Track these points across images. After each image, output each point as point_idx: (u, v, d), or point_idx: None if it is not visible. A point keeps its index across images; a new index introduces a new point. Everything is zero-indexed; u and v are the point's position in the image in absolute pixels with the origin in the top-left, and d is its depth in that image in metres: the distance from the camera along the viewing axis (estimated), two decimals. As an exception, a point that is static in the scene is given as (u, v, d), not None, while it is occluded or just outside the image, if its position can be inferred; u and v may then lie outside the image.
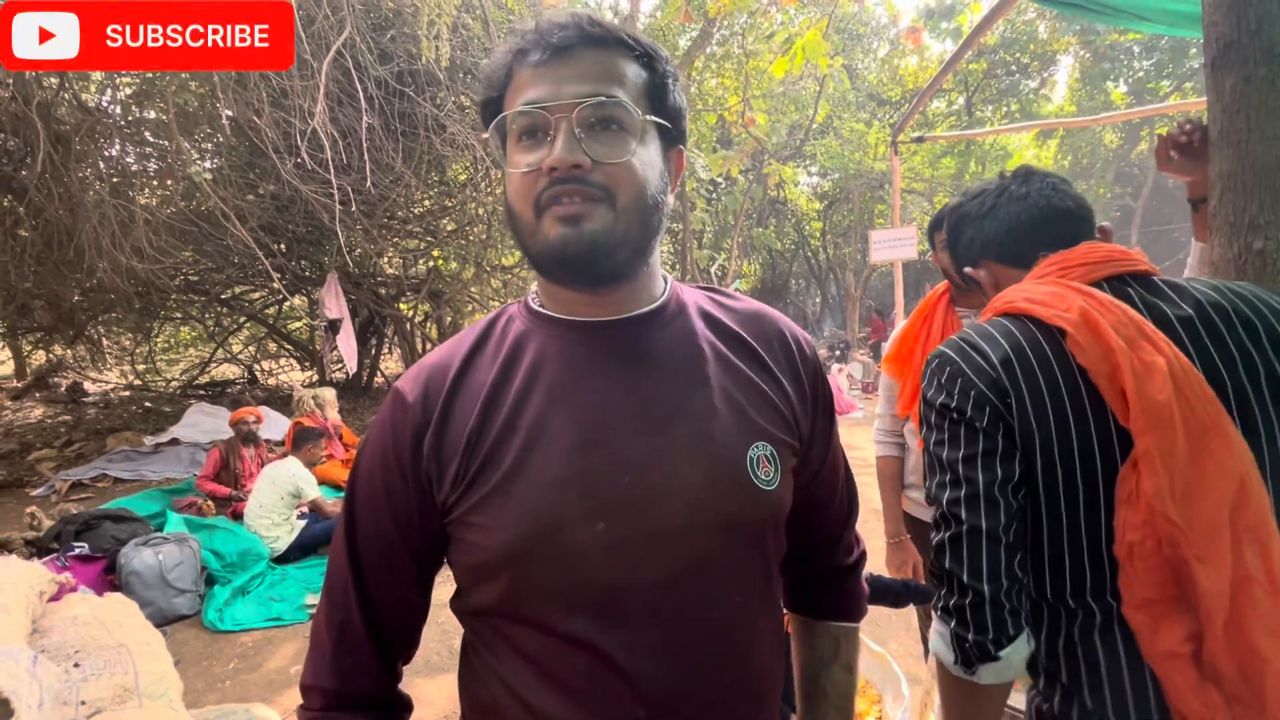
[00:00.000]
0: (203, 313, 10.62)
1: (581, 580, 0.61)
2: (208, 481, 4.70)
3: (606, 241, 0.61)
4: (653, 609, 0.62)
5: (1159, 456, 0.71)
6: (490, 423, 0.64)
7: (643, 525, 0.62)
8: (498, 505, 0.62)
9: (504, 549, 0.61)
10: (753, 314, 0.75)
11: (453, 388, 0.66)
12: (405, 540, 0.66)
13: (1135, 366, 0.73)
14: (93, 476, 5.88)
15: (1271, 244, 1.21)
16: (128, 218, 5.20)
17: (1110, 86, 13.58)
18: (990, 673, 0.76)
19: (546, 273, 0.65)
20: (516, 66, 0.64)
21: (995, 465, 0.78)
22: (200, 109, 5.75)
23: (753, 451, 0.66)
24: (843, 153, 13.01)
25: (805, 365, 0.74)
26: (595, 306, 0.68)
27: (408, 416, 0.65)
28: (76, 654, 1.72)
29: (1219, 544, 0.69)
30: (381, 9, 5.14)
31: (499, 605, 0.64)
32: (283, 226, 7.02)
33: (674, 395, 0.66)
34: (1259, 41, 1.22)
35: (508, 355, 0.67)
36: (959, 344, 0.85)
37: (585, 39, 0.62)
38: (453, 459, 0.63)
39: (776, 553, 0.71)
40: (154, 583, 3.30)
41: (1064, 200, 0.92)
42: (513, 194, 0.63)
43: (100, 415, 8.86)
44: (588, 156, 0.60)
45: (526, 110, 0.62)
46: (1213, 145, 1.29)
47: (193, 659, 2.98)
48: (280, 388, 11.38)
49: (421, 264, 10.25)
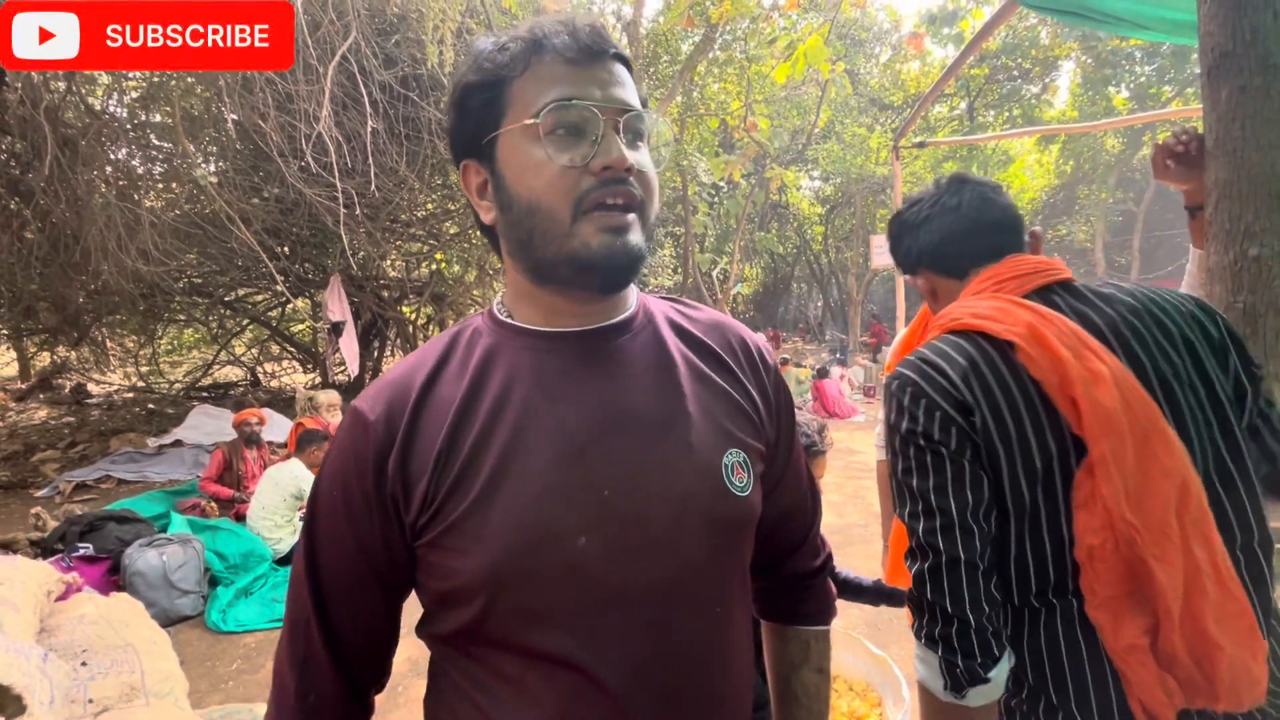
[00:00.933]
0: (206, 315, 10.67)
1: (562, 598, 0.59)
2: (211, 483, 4.72)
3: (639, 255, 0.62)
4: (636, 623, 0.61)
5: (1112, 462, 0.73)
6: (460, 441, 0.61)
7: (624, 538, 0.60)
8: (474, 526, 0.59)
9: (482, 571, 0.59)
10: (715, 323, 0.76)
11: (417, 405, 0.62)
12: (371, 567, 0.63)
13: (1084, 375, 0.75)
14: (96, 478, 5.91)
15: (1267, 251, 1.23)
16: (133, 220, 5.23)
17: (1112, 92, 13.60)
18: (979, 695, 0.77)
19: (563, 276, 0.62)
20: (537, 57, 0.61)
21: (966, 491, 0.78)
22: (206, 112, 5.79)
23: (727, 459, 0.66)
24: (844, 157, 13.04)
25: (767, 372, 0.75)
26: (575, 316, 0.66)
27: (369, 437, 0.61)
28: (84, 653, 1.74)
29: (1170, 541, 0.72)
30: (386, 14, 5.18)
31: (475, 629, 0.61)
32: (287, 229, 7.07)
33: (649, 405, 0.65)
34: (1254, 52, 1.24)
35: (477, 370, 0.64)
36: (917, 364, 0.85)
37: (612, 50, 0.62)
38: (420, 479, 0.60)
39: (747, 560, 0.72)
40: (158, 583, 3.31)
41: (993, 211, 0.94)
42: (543, 187, 0.60)
43: (104, 417, 8.90)
44: (635, 163, 0.60)
45: (577, 104, 0.59)
46: (1208, 153, 1.31)
47: (196, 659, 3.00)
48: (283, 390, 11.41)
49: (424, 267, 10.29)
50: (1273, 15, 1.23)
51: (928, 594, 0.79)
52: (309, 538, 0.65)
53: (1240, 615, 0.72)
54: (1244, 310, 1.25)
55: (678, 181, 12.50)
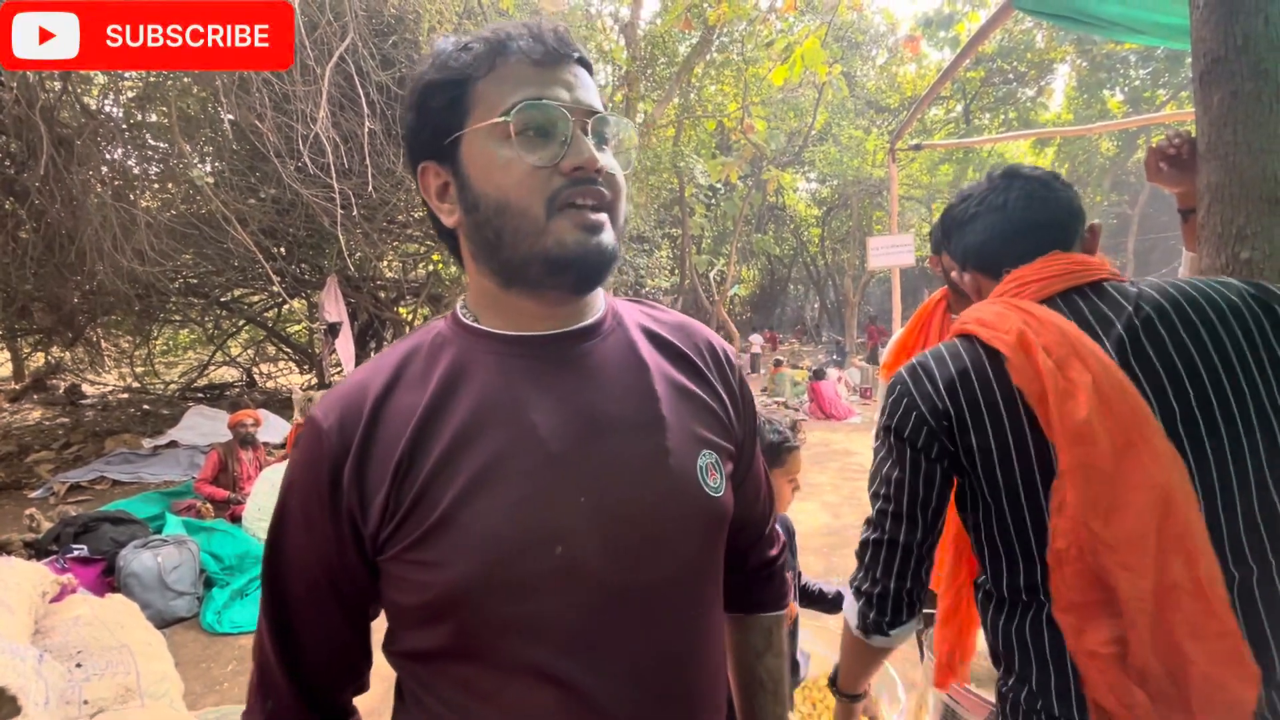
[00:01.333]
0: (202, 315, 10.65)
1: (540, 609, 0.58)
2: (206, 484, 4.70)
3: (612, 255, 0.62)
4: (617, 629, 0.60)
5: (1080, 470, 0.75)
6: (426, 450, 0.59)
7: (602, 544, 0.59)
8: (445, 538, 0.57)
9: (457, 584, 0.57)
10: (681, 325, 0.76)
11: (374, 413, 0.60)
12: (330, 580, 0.62)
13: (1060, 386, 0.76)
14: (91, 479, 5.88)
15: (1258, 254, 1.24)
16: (129, 220, 5.22)
17: (1107, 95, 13.67)
18: (879, 640, 0.93)
19: (533, 277, 0.62)
20: (502, 58, 0.61)
21: (919, 487, 0.87)
22: (202, 113, 5.78)
23: (701, 460, 0.66)
24: (841, 159, 13.08)
25: (732, 372, 0.76)
26: (544, 319, 0.65)
27: (323, 446, 0.60)
28: (79, 654, 1.73)
29: (1143, 552, 0.72)
30: (384, 15, 5.18)
31: (449, 645, 0.59)
32: (283, 230, 7.06)
33: (623, 409, 0.64)
34: (1246, 58, 1.25)
35: (445, 376, 0.62)
36: (914, 368, 0.90)
37: (575, 53, 0.63)
38: (379, 490, 0.58)
39: (721, 560, 0.73)
40: (152, 585, 3.30)
41: (1038, 213, 0.92)
42: (513, 187, 0.59)
43: (98, 417, 8.87)
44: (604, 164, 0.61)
45: (545, 104, 0.59)
46: (1201, 157, 1.32)
47: (191, 661, 2.99)
48: (279, 390, 11.38)
49: (421, 268, 10.29)
50: (1264, 21, 1.25)
51: (866, 558, 0.93)
52: (270, 549, 0.64)
53: (1223, 636, 0.71)
54: (1236, 313, 1.26)
55: (675, 183, 12.51)
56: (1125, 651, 0.73)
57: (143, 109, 5.94)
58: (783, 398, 10.25)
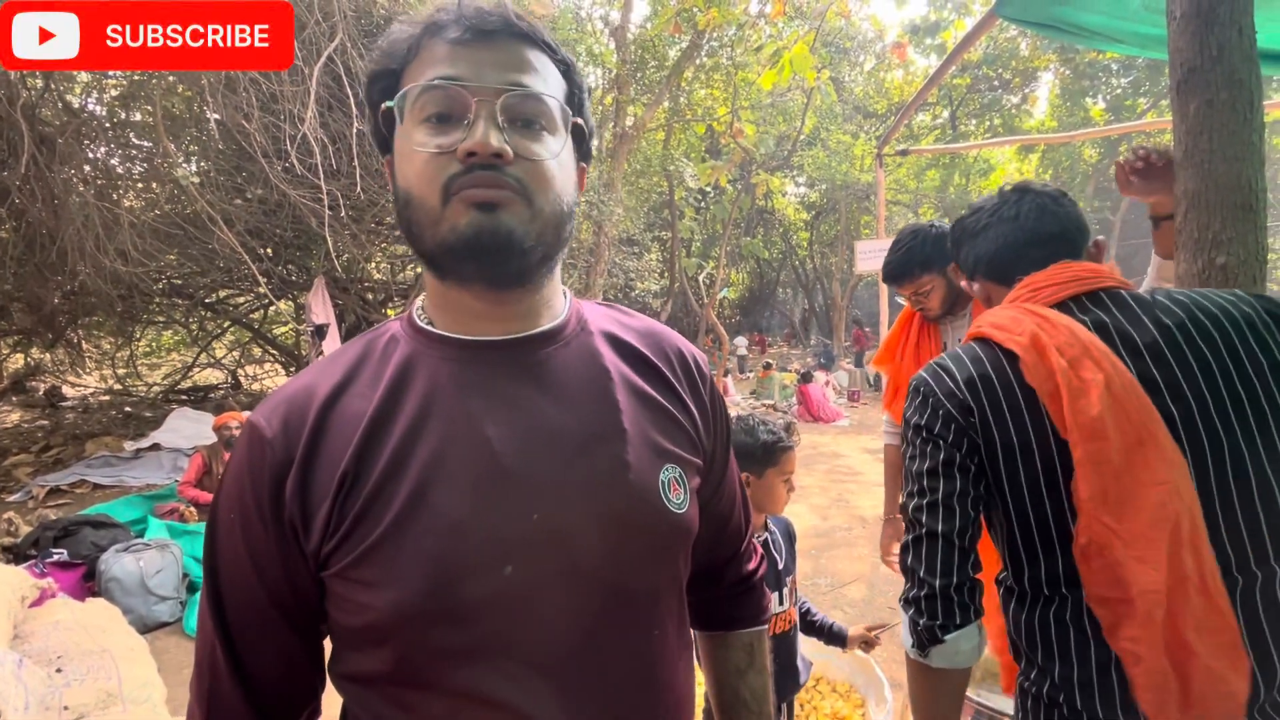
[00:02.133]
0: (186, 317, 10.51)
1: (489, 632, 0.54)
2: (190, 487, 4.64)
3: (522, 236, 0.56)
4: (571, 654, 0.57)
5: (1090, 465, 0.77)
6: (372, 460, 0.55)
7: (555, 563, 0.56)
8: (387, 556, 0.53)
9: (397, 607, 0.53)
10: (650, 331, 0.72)
11: (319, 419, 0.57)
12: (273, 596, 0.57)
13: (1073, 384, 0.79)
14: (71, 482, 5.78)
15: (1233, 259, 1.27)
16: (112, 220, 5.15)
17: (1089, 103, 13.90)
18: (939, 656, 0.85)
19: (448, 267, 0.58)
20: (426, 40, 0.58)
21: (954, 476, 0.87)
22: (187, 112, 5.72)
23: (663, 475, 0.63)
24: (829, 164, 13.18)
25: (704, 382, 0.73)
26: (494, 320, 0.61)
27: (265, 454, 0.56)
28: (59, 659, 1.70)
29: (1157, 545, 0.75)
30: (373, 16, 5.16)
31: (392, 670, 0.56)
32: (270, 231, 6.99)
33: (582, 420, 0.60)
34: (1221, 67, 1.28)
35: (392, 381, 0.59)
36: (934, 369, 0.93)
37: (511, 28, 0.58)
38: (322, 502, 0.55)
39: (684, 577, 0.70)
40: (134, 589, 3.25)
41: (1049, 224, 0.96)
42: (412, 177, 0.56)
43: (79, 420, 8.73)
44: (509, 148, 0.55)
45: (443, 85, 0.55)
46: (1178, 165, 1.35)
47: (174, 667, 2.94)
48: (265, 393, 11.27)
49: (409, 269, 10.23)
50: (1238, 32, 1.28)
51: (908, 560, 0.89)
52: (209, 560, 0.59)
53: (1223, 630, 0.74)
54: (1212, 317, 1.29)
55: (664, 186, 12.54)
56: (1138, 650, 0.75)
57: (127, 107, 5.87)
58: (772, 400, 10.30)
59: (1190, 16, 1.32)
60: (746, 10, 7.93)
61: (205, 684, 0.59)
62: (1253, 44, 1.30)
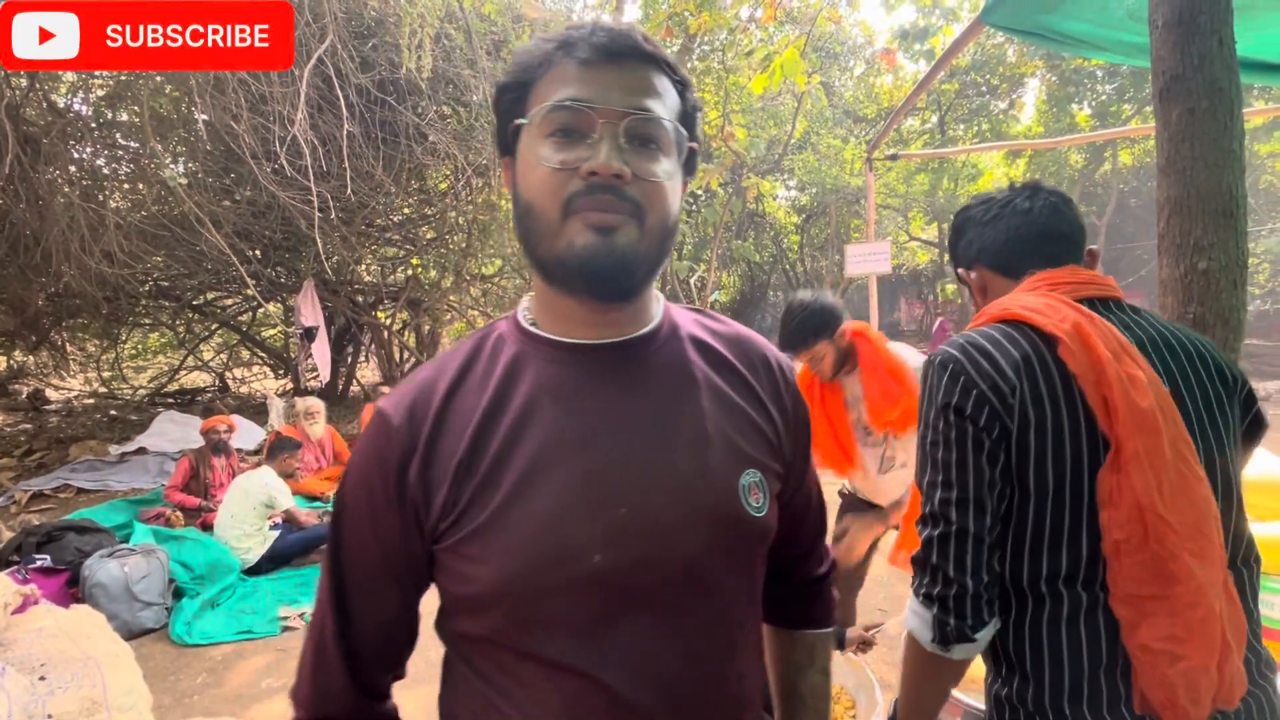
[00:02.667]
0: (173, 319, 10.39)
1: (577, 611, 0.60)
2: (176, 492, 4.59)
3: (631, 258, 0.60)
4: (647, 638, 0.61)
5: (1146, 457, 0.76)
6: (483, 451, 0.62)
7: (640, 556, 0.61)
8: (493, 537, 0.60)
9: (499, 583, 0.60)
10: (738, 337, 0.75)
11: (440, 412, 0.63)
12: (388, 565, 0.64)
13: (1121, 376, 0.79)
14: (54, 487, 5.70)
15: (1214, 264, 1.29)
16: (97, 221, 5.09)
17: (1075, 109, 14.06)
18: (963, 651, 0.85)
19: (560, 279, 0.62)
20: (559, 57, 0.61)
21: (984, 466, 0.83)
22: (175, 112, 5.67)
23: (744, 480, 0.66)
24: (820, 168, 13.25)
25: (788, 389, 0.75)
26: (595, 326, 0.66)
27: (392, 441, 0.63)
28: (43, 667, 1.68)
29: (1209, 539, 0.76)
30: (364, 18, 5.14)
31: (490, 634, 0.63)
32: (259, 232, 6.93)
33: (668, 424, 0.65)
34: (1202, 76, 1.30)
35: (501, 380, 0.65)
36: (962, 344, 0.89)
37: (638, 51, 0.61)
38: (440, 486, 0.61)
39: (761, 576, 0.73)
40: (119, 595, 3.21)
41: (1060, 223, 0.98)
42: (534, 188, 0.60)
43: (63, 423, 8.61)
44: (629, 169, 0.59)
45: (573, 105, 0.59)
46: (1160, 171, 1.37)
47: (159, 674, 2.91)
48: (253, 396, 11.16)
49: (400, 272, 10.18)
50: (1218, 42, 1.30)
51: (933, 558, 0.86)
52: (334, 533, 0.67)
53: (1242, 624, 0.78)
54: (1194, 321, 1.31)
55: (656, 189, 12.51)
56: (1176, 649, 0.75)
57: (113, 108, 5.81)
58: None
59: (1172, 26, 1.34)
60: (738, 15, 7.97)
61: (315, 635, 0.67)
62: (1233, 53, 1.33)
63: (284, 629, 3.33)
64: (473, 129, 6.45)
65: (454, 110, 6.64)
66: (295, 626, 3.36)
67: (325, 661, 0.66)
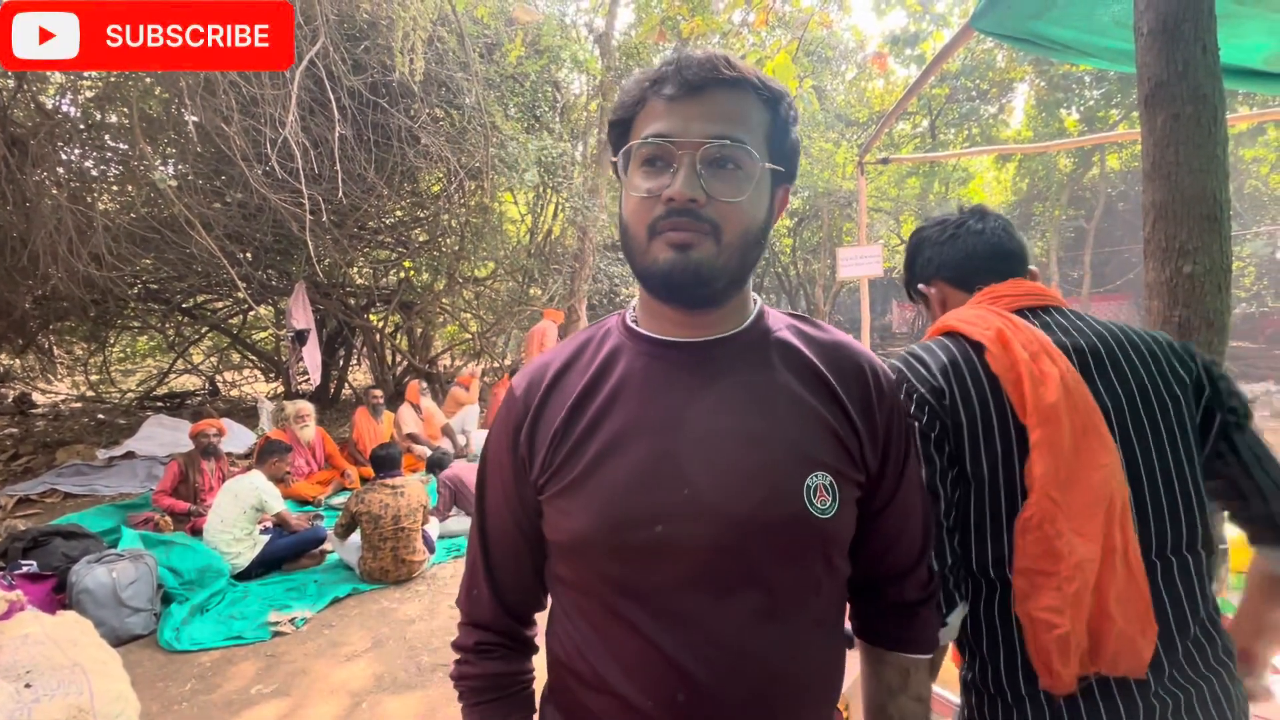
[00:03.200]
0: (162, 322, 10.30)
1: (637, 574, 0.69)
2: (165, 496, 4.54)
3: (709, 271, 0.67)
4: (698, 610, 0.67)
5: (1046, 446, 0.86)
6: (575, 424, 0.73)
7: (699, 534, 0.67)
8: (576, 496, 0.71)
9: (576, 534, 0.71)
10: (833, 345, 0.78)
11: (549, 388, 0.76)
12: (515, 515, 0.78)
13: (1033, 374, 0.89)
14: (41, 491, 5.62)
15: (1199, 268, 1.31)
16: (86, 224, 5.05)
17: (1064, 114, 14.20)
18: (943, 635, 0.90)
19: (650, 289, 0.73)
20: (650, 95, 0.70)
21: (935, 457, 0.92)
22: (165, 114, 5.63)
23: (811, 480, 0.69)
24: (812, 171, 13.31)
25: (880, 400, 0.76)
26: (685, 326, 0.74)
27: (513, 407, 0.78)
28: (28, 674, 1.65)
29: (1094, 521, 0.84)
30: (356, 20, 5.13)
31: (575, 579, 0.74)
32: (250, 235, 6.89)
33: (739, 419, 0.71)
34: (1186, 82, 1.32)
35: (600, 366, 0.75)
36: (905, 358, 1.00)
37: (719, 80, 0.67)
38: (541, 448, 0.74)
39: (832, 575, 0.74)
40: (107, 601, 3.17)
41: (1010, 242, 1.10)
42: (629, 213, 0.70)
43: (50, 427, 8.51)
44: (705, 193, 0.66)
45: (654, 142, 0.68)
46: (1146, 176, 1.39)
47: (147, 680, 2.87)
48: (243, 399, 11.07)
49: (392, 275, 10.14)
50: (1202, 49, 1.32)
51: None
52: (479, 489, 0.83)
53: (1139, 599, 0.84)
54: (1179, 324, 1.33)
55: (649, 192, 12.53)
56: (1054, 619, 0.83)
57: (102, 109, 5.76)
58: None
59: (1157, 33, 1.36)
60: (730, 19, 8.00)
61: (470, 557, 0.85)
62: (1216, 60, 1.34)
63: (274, 634, 3.30)
64: (465, 131, 6.45)
65: (447, 113, 6.63)
66: (286, 632, 3.33)
67: (476, 578, 0.83)
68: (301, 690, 2.82)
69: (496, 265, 9.92)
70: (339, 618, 3.53)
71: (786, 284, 20.43)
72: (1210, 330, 1.32)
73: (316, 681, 2.88)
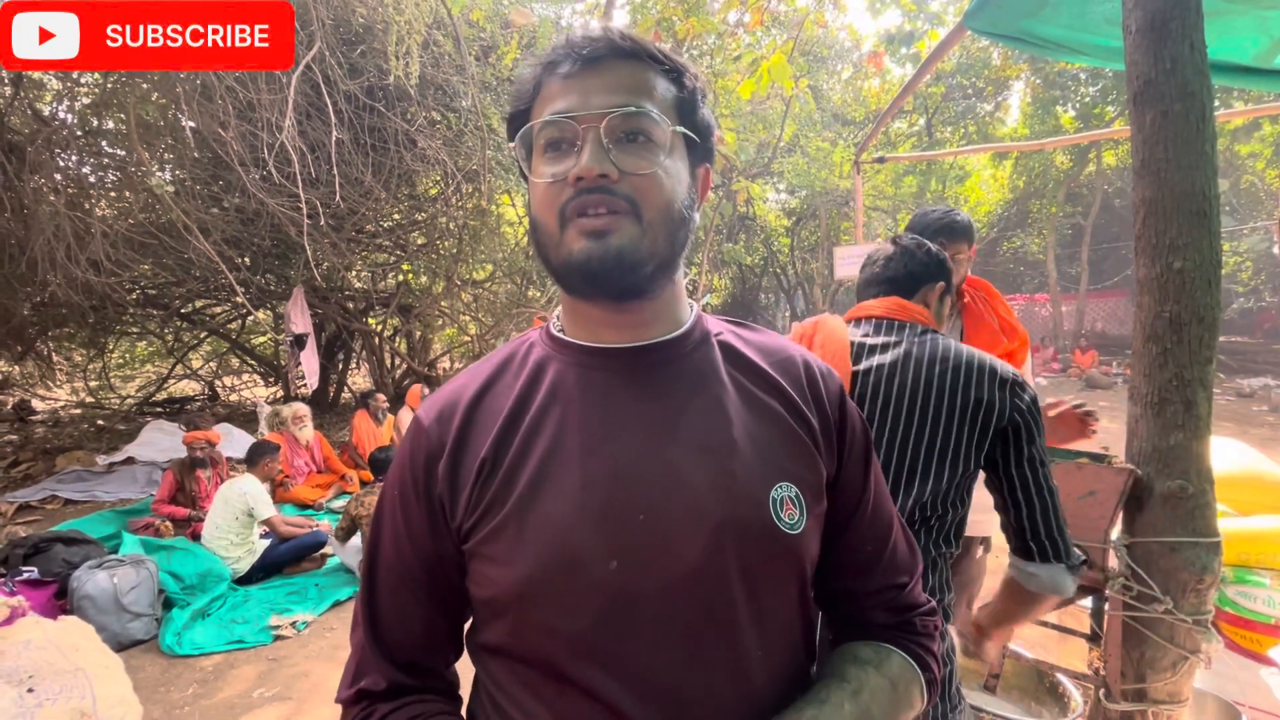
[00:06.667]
0: (161, 327, 10.31)
1: (591, 626, 0.58)
2: (164, 505, 4.54)
3: (632, 256, 0.59)
4: (665, 657, 0.58)
5: None
6: (504, 451, 0.62)
7: (658, 565, 0.58)
8: (510, 537, 0.59)
9: (514, 584, 0.59)
10: (774, 347, 0.72)
11: (467, 413, 0.65)
12: (420, 565, 0.65)
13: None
14: (41, 498, 5.63)
15: (1189, 264, 1.32)
16: (83, 230, 5.06)
17: (1060, 111, 14.23)
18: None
19: (568, 286, 0.63)
20: (545, 78, 0.63)
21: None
22: (162, 119, 5.64)
23: (776, 492, 0.62)
24: (809, 170, 13.32)
25: (829, 399, 0.70)
26: (617, 328, 0.65)
27: (422, 442, 0.65)
28: (30, 679, 1.66)
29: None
30: (352, 25, 5.14)
31: (509, 644, 0.62)
32: (247, 240, 6.90)
33: (694, 430, 0.62)
34: (1174, 80, 1.33)
35: (526, 381, 0.66)
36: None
37: (615, 51, 0.61)
38: (465, 485, 0.62)
39: (803, 604, 0.67)
40: (108, 607, 3.17)
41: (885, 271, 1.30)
42: (536, 205, 0.62)
43: (49, 434, 8.50)
44: (615, 167, 0.58)
45: (553, 120, 0.60)
46: (1136, 173, 1.40)
47: (149, 685, 2.88)
48: (243, 404, 11.07)
49: (390, 278, 10.14)
50: (1190, 47, 1.33)
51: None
52: (374, 530, 0.69)
53: None
54: (1170, 319, 1.34)
55: (646, 193, 12.54)
56: None
57: (99, 115, 5.77)
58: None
59: (1145, 31, 1.37)
60: (725, 20, 8.02)
61: (356, 632, 0.69)
62: (1204, 57, 1.36)
63: (275, 638, 3.31)
64: (462, 134, 6.46)
65: (443, 116, 6.64)
66: (287, 635, 3.34)
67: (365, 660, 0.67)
68: (303, 693, 2.83)
69: (495, 267, 9.93)
70: (340, 621, 3.53)
71: (784, 283, 20.44)
72: (1201, 325, 1.32)
73: (318, 685, 2.89)
